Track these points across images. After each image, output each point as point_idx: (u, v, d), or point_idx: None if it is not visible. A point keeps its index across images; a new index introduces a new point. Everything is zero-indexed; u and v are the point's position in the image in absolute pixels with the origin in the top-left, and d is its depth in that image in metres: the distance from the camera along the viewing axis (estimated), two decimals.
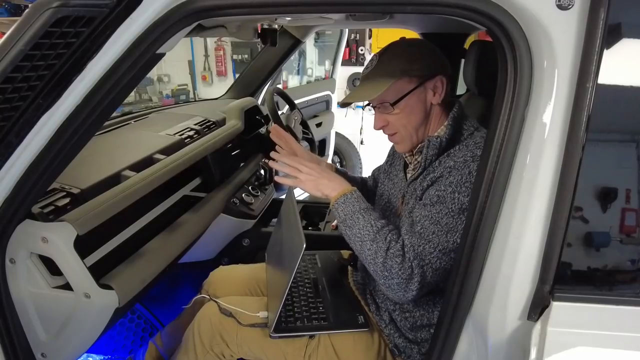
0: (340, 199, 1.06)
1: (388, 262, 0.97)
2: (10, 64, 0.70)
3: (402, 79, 1.05)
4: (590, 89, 0.68)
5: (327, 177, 1.09)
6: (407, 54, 1.06)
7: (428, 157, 1.07)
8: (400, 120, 1.09)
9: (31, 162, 0.83)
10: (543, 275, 0.74)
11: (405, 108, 1.07)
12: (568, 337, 0.73)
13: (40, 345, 1.02)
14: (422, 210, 1.01)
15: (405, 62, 1.05)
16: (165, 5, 0.77)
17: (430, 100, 1.08)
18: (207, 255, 1.86)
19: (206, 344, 1.19)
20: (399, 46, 1.08)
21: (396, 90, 1.06)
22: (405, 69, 1.05)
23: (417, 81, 1.05)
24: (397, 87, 1.05)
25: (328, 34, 5.51)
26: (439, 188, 1.00)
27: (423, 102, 1.08)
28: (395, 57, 1.06)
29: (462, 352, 0.87)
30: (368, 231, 1.01)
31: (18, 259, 0.93)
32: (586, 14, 0.68)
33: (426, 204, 1.01)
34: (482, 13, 0.74)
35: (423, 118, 1.09)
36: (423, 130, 1.11)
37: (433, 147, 1.06)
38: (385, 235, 1.00)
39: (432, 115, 1.10)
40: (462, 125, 1.09)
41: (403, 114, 1.08)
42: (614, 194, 0.72)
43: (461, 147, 1.04)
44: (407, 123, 1.09)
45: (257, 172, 1.99)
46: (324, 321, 1.17)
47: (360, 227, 1.02)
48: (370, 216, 1.04)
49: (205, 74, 6.57)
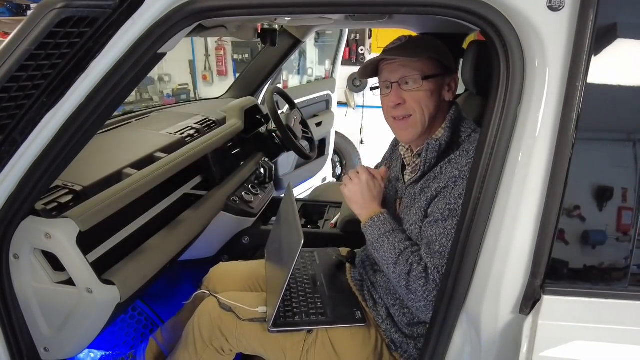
0: (368, 222, 1.11)
1: (412, 285, 1.00)
2: (16, 63, 0.72)
3: (433, 61, 1.07)
4: (580, 88, 0.70)
5: (364, 195, 1.14)
6: (437, 44, 1.11)
7: (427, 161, 1.08)
8: (419, 101, 1.06)
9: (35, 159, 0.84)
10: (534, 270, 0.75)
11: (429, 89, 1.06)
12: (558, 329, 0.75)
13: (43, 339, 1.03)
14: (436, 228, 1.01)
15: (436, 49, 1.09)
16: (166, 6, 0.78)
17: (444, 95, 1.10)
18: (207, 253, 1.87)
19: (206, 338, 1.21)
20: (427, 37, 1.14)
21: (428, 66, 1.06)
22: (438, 53, 1.09)
23: (443, 70, 1.09)
24: (429, 64, 1.07)
25: (328, 33, 5.51)
26: (449, 202, 1.00)
27: (438, 94, 1.09)
28: (428, 42, 1.11)
29: (456, 345, 0.88)
30: (391, 254, 1.05)
31: (22, 255, 0.95)
32: (576, 15, 0.70)
33: (438, 220, 1.01)
34: (475, 14, 0.76)
35: (436, 109, 1.09)
36: (432, 122, 1.10)
37: (432, 150, 1.07)
38: (407, 258, 1.03)
39: (441, 113, 1.11)
40: (460, 127, 1.10)
41: (425, 94, 1.06)
42: (604, 190, 0.74)
43: (462, 153, 1.04)
44: (424, 106, 1.07)
45: (257, 170, 2.01)
46: (322, 316, 1.19)
47: (385, 250, 1.06)
48: (395, 238, 1.07)
49: (206, 73, 6.57)
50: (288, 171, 2.81)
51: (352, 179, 1.16)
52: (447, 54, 1.11)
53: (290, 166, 2.85)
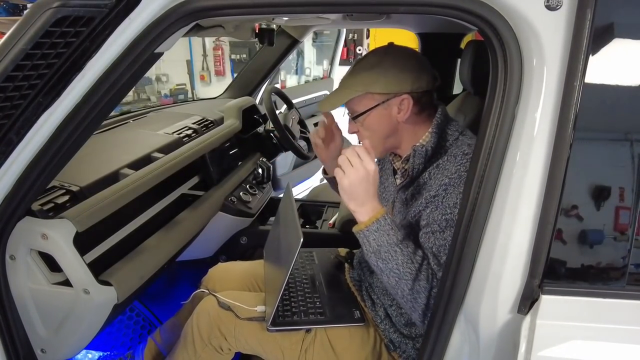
0: (373, 226, 0.96)
1: (432, 301, 0.95)
2: (12, 62, 0.72)
3: (365, 94, 1.04)
4: (577, 88, 0.70)
5: (368, 190, 0.96)
6: (375, 69, 1.03)
7: (415, 167, 1.06)
8: (366, 131, 1.08)
9: (31, 159, 0.84)
10: (532, 270, 0.75)
11: (366, 122, 1.07)
12: (557, 329, 0.75)
13: (40, 340, 1.03)
14: (435, 240, 0.98)
15: (370, 78, 1.03)
16: (163, 5, 0.78)
17: (396, 117, 1.05)
18: (205, 253, 1.87)
19: (205, 337, 1.20)
20: (372, 58, 1.06)
21: (359, 103, 1.05)
22: (368, 85, 1.03)
23: (380, 99, 1.03)
24: (359, 101, 1.05)
25: (326, 33, 5.51)
26: (445, 212, 0.97)
27: (387, 118, 1.05)
28: (363, 71, 1.04)
29: (454, 345, 0.88)
30: (410, 269, 0.95)
31: (18, 256, 0.95)
32: (574, 15, 0.70)
33: (435, 231, 0.98)
34: (473, 13, 0.76)
35: (390, 131, 1.08)
36: (393, 140, 1.10)
37: (419, 156, 1.05)
38: (427, 275, 0.95)
39: (407, 128, 1.08)
40: (447, 130, 1.07)
41: (365, 127, 1.08)
42: (602, 190, 0.74)
43: (449, 158, 1.02)
44: (372, 135, 1.08)
45: (254, 170, 2.01)
46: (321, 316, 1.19)
47: (399, 263, 0.95)
48: (408, 248, 0.96)
49: (204, 73, 6.57)
50: (286, 171, 2.81)
51: (353, 165, 0.95)
52: (384, 80, 1.02)
53: (288, 166, 2.85)
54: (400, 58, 1.04)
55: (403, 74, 1.02)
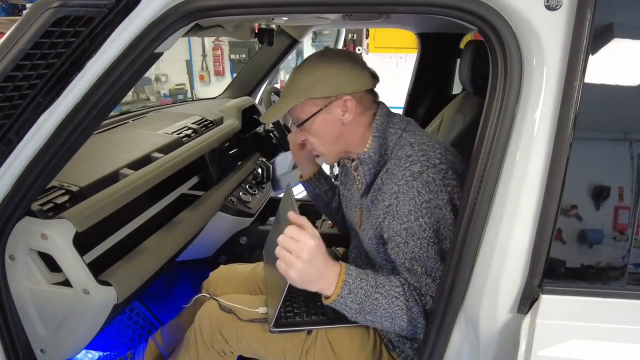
0: (344, 291, 0.92)
1: (422, 320, 0.94)
2: (11, 62, 0.72)
3: (306, 101, 1.02)
4: (577, 87, 0.70)
5: (319, 265, 0.90)
6: (313, 74, 1.02)
7: (365, 173, 1.06)
8: (312, 138, 1.07)
9: (31, 159, 0.84)
10: (532, 269, 0.75)
11: (311, 129, 1.05)
12: (557, 329, 0.75)
13: (40, 341, 1.03)
14: (404, 254, 0.97)
15: (309, 84, 1.01)
16: (163, 5, 0.78)
17: (341, 119, 1.03)
18: (205, 253, 1.87)
19: (207, 341, 1.20)
20: (308, 64, 1.05)
21: (302, 111, 1.04)
22: (307, 90, 1.01)
23: (322, 103, 1.02)
24: (302, 108, 1.04)
25: (325, 33, 5.52)
26: (402, 221, 0.95)
27: (332, 121, 1.03)
28: (302, 78, 1.03)
29: (454, 345, 0.88)
30: (398, 305, 0.93)
31: (18, 256, 0.95)
32: (573, 15, 0.70)
33: (399, 244, 0.97)
34: (473, 13, 0.76)
35: (337, 135, 1.06)
36: (343, 143, 1.08)
37: (365, 163, 1.05)
38: (415, 298, 0.94)
39: (354, 130, 1.06)
40: (389, 130, 1.05)
41: (312, 133, 1.06)
42: (601, 189, 0.74)
43: (395, 162, 1.00)
44: (319, 141, 1.07)
45: (254, 170, 2.01)
46: (323, 316, 1.19)
47: (386, 306, 0.93)
48: (385, 287, 0.94)
49: (203, 73, 6.57)
50: (285, 171, 2.81)
51: (293, 252, 0.88)
52: (323, 83, 1.00)
53: (287, 166, 2.85)
54: (336, 60, 1.03)
55: (341, 76, 1.01)
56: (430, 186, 0.94)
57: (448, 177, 0.96)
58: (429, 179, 0.95)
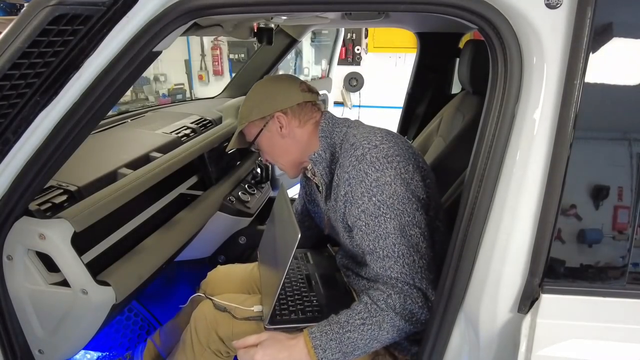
0: (319, 352, 0.96)
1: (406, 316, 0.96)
2: (8, 61, 0.71)
3: (248, 125, 1.17)
4: (578, 86, 0.70)
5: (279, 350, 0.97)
6: (248, 102, 1.17)
7: (322, 173, 1.13)
8: (266, 155, 1.22)
9: (28, 159, 0.83)
10: (533, 269, 0.75)
11: (261, 147, 1.20)
12: (557, 328, 0.75)
13: (38, 341, 1.02)
14: (365, 237, 1.00)
15: (247, 110, 1.16)
16: (161, 3, 0.78)
17: (280, 134, 1.15)
18: (204, 253, 1.87)
19: (203, 341, 1.20)
20: (248, 95, 1.19)
21: (249, 133, 1.19)
22: (247, 116, 1.16)
23: (260, 124, 1.16)
24: (248, 131, 1.19)
25: (324, 33, 5.51)
26: (358, 204, 0.99)
27: (274, 137, 1.16)
28: (243, 107, 1.18)
29: (454, 345, 0.88)
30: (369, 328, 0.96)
31: (15, 256, 0.94)
32: (574, 13, 0.69)
33: (361, 227, 1.00)
34: (473, 12, 0.75)
35: (284, 148, 1.17)
36: (293, 156, 1.18)
37: (318, 163, 1.12)
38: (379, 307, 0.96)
39: (298, 140, 1.16)
40: (335, 130, 1.13)
41: (264, 151, 1.21)
42: (602, 189, 0.74)
43: (344, 154, 1.07)
44: (272, 157, 1.21)
45: (253, 170, 2.00)
46: (318, 314, 1.19)
47: (361, 337, 0.96)
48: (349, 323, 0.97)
49: (202, 73, 6.56)
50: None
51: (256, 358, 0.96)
52: (256, 107, 1.14)
53: None
54: (267, 85, 1.20)
55: (272, 97, 1.15)
56: (375, 165, 0.99)
57: (391, 154, 1.00)
58: (373, 158, 0.99)
